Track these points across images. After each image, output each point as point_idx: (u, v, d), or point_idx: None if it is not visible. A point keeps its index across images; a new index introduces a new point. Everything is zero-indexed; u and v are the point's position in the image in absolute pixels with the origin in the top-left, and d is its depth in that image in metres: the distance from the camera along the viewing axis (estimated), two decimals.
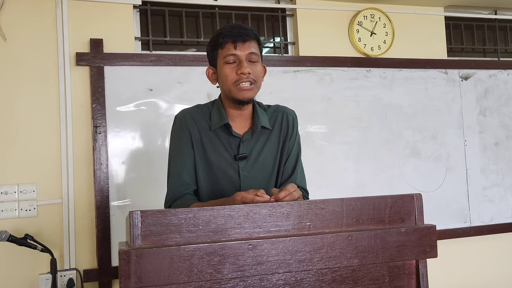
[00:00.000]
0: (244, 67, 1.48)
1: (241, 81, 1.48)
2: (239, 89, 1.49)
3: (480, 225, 3.17)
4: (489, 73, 3.32)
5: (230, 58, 1.49)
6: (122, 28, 2.63)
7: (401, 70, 3.11)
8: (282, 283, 1.09)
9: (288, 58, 2.92)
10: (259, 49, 1.55)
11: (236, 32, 1.49)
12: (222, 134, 1.57)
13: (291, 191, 1.33)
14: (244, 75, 1.48)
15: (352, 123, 2.97)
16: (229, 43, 1.49)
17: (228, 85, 1.51)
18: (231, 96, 1.52)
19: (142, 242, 1.01)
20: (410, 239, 1.16)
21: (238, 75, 1.48)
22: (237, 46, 1.49)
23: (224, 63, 1.50)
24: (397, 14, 3.19)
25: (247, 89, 1.49)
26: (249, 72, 1.48)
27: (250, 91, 1.50)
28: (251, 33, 1.51)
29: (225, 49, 1.50)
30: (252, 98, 1.53)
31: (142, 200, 2.51)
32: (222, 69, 1.51)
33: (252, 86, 1.50)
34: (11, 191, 2.38)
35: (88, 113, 2.52)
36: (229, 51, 1.49)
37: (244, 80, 1.48)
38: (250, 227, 1.08)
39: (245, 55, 1.49)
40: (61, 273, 2.37)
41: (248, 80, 1.49)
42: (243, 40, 1.49)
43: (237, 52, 1.49)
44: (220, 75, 1.54)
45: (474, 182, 3.20)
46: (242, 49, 1.49)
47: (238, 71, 1.48)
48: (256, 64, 1.52)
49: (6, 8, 2.45)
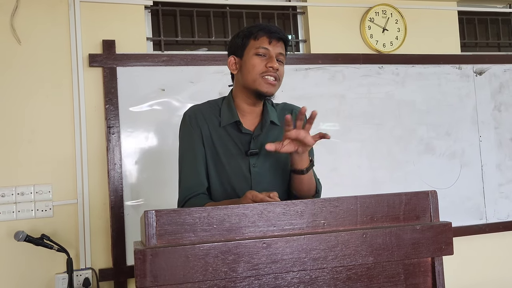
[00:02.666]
0: (274, 61, 1.51)
1: (269, 74, 1.50)
2: (264, 81, 1.51)
3: (496, 222, 3.13)
4: (504, 67, 3.28)
5: (262, 51, 1.52)
6: (133, 29, 2.65)
7: (413, 66, 3.08)
8: (296, 281, 1.09)
9: (299, 56, 2.91)
10: (285, 52, 1.58)
11: (274, 29, 1.53)
12: (232, 131, 1.57)
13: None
14: (272, 69, 1.50)
15: (365, 120, 2.95)
16: (265, 36, 1.52)
17: (254, 75, 1.51)
18: (254, 87, 1.52)
19: (157, 241, 1.02)
20: (425, 236, 1.15)
21: (266, 67, 1.50)
22: (272, 42, 1.52)
23: (255, 54, 1.52)
24: (409, 9, 3.16)
25: (271, 83, 1.51)
26: (277, 68, 1.51)
27: (273, 87, 1.53)
28: (285, 35, 1.55)
29: (259, 41, 1.52)
30: (273, 94, 1.55)
31: (155, 200, 2.53)
32: (251, 59, 1.52)
33: (276, 82, 1.53)
34: (27, 192, 2.41)
35: (101, 114, 2.54)
36: (263, 44, 1.52)
37: (272, 74, 1.51)
38: (264, 225, 1.08)
39: (276, 53, 1.53)
40: (77, 273, 2.39)
41: (275, 75, 1.51)
42: (278, 38, 1.52)
43: (271, 47, 1.52)
44: (246, 64, 1.54)
45: (490, 178, 3.16)
46: (275, 46, 1.52)
47: (268, 64, 1.50)
48: (282, 65, 1.56)
49: (19, 11, 2.48)
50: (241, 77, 1.56)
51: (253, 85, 1.52)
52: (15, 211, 2.39)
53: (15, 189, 2.40)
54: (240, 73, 1.56)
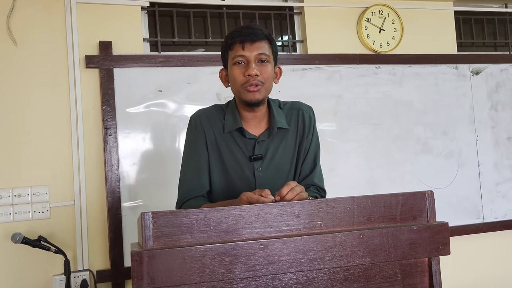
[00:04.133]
0: (251, 68, 1.45)
1: (248, 83, 1.46)
2: (246, 91, 1.47)
3: (494, 221, 3.14)
4: (501, 67, 3.28)
5: (238, 59, 1.48)
6: (130, 30, 2.65)
7: (410, 66, 3.08)
8: (294, 282, 1.09)
9: (296, 56, 2.91)
10: (271, 49, 1.51)
11: (245, 32, 1.47)
12: (237, 135, 1.56)
13: (292, 186, 1.31)
14: (251, 77, 1.45)
15: (362, 120, 2.96)
16: (237, 43, 1.47)
17: (237, 87, 1.50)
18: (240, 97, 1.51)
19: (154, 243, 1.02)
20: (422, 236, 1.15)
21: (245, 76, 1.46)
22: (245, 47, 1.46)
23: (233, 64, 1.49)
24: (406, 9, 3.16)
25: (254, 90, 1.47)
26: (257, 74, 1.46)
27: (257, 93, 1.47)
28: (260, 33, 1.48)
29: (233, 50, 1.48)
30: (261, 100, 1.50)
31: (153, 201, 2.53)
32: (231, 71, 1.50)
33: (259, 87, 1.47)
34: (24, 194, 2.41)
35: (98, 115, 2.54)
36: (238, 52, 1.47)
37: (252, 82, 1.46)
38: (261, 226, 1.08)
39: (254, 55, 1.47)
40: (75, 274, 2.39)
41: (255, 83, 1.46)
42: (251, 40, 1.46)
43: (245, 53, 1.47)
44: (230, 76, 1.53)
45: (487, 177, 3.17)
46: (251, 49, 1.46)
47: (245, 73, 1.46)
48: (266, 64, 1.49)
49: (16, 12, 2.47)
50: (231, 88, 1.55)
51: (239, 96, 1.51)
52: (12, 213, 2.38)
53: (12, 191, 2.39)
54: (230, 84, 1.55)
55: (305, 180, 1.61)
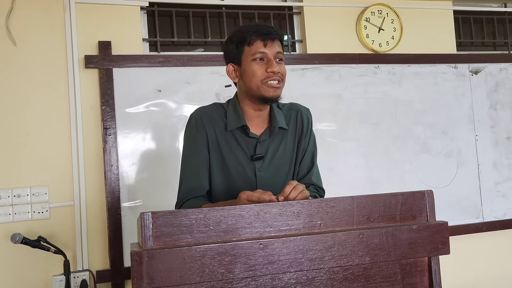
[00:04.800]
0: (274, 65, 1.48)
1: (271, 79, 1.48)
2: (268, 86, 1.48)
3: (493, 221, 3.14)
4: (500, 66, 3.29)
5: (259, 55, 1.49)
6: (129, 30, 2.65)
7: (410, 65, 3.08)
8: (293, 282, 1.09)
9: (296, 56, 2.91)
10: (282, 49, 1.55)
11: (266, 31, 1.49)
12: (238, 135, 1.56)
13: (294, 184, 1.32)
14: (274, 74, 1.48)
15: (362, 120, 2.96)
16: (259, 40, 1.48)
17: (256, 82, 1.49)
18: (259, 93, 1.50)
19: (154, 243, 1.02)
20: (422, 236, 1.15)
21: (267, 73, 1.48)
22: (267, 45, 1.49)
23: (252, 60, 1.49)
24: (405, 9, 3.16)
25: (276, 86, 1.49)
26: (279, 71, 1.49)
27: (278, 89, 1.51)
28: (279, 32, 1.52)
29: (253, 46, 1.49)
30: (279, 96, 1.53)
31: (153, 201, 2.52)
32: (250, 66, 1.50)
33: (280, 84, 1.51)
34: (24, 194, 2.41)
35: (98, 115, 2.53)
36: (259, 49, 1.48)
37: (274, 78, 1.48)
38: (260, 226, 1.08)
39: (274, 54, 1.50)
40: (74, 274, 2.39)
41: (277, 78, 1.49)
42: (272, 38, 1.49)
43: (267, 50, 1.48)
44: (246, 72, 1.51)
45: (486, 177, 3.17)
46: (271, 47, 1.49)
47: (268, 69, 1.48)
48: (282, 63, 1.53)
49: (15, 13, 2.47)
50: (243, 84, 1.54)
51: (257, 92, 1.50)
52: (11, 213, 2.38)
53: (12, 191, 2.39)
54: (241, 80, 1.54)
55: (303, 179, 1.61)
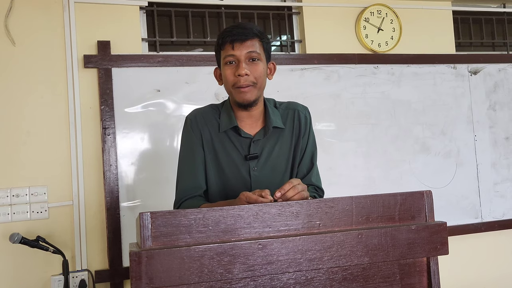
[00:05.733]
0: (241, 68, 1.44)
1: (239, 84, 1.45)
2: (237, 92, 1.47)
3: (492, 221, 3.15)
4: (499, 67, 3.29)
5: (229, 59, 1.46)
6: (128, 29, 2.65)
7: (409, 66, 3.09)
8: (292, 282, 1.09)
9: (295, 56, 2.91)
10: (262, 47, 1.49)
11: (235, 32, 1.45)
12: (232, 135, 1.56)
13: (294, 184, 1.30)
14: (241, 77, 1.44)
15: (361, 120, 2.96)
16: (228, 43, 1.46)
17: (228, 87, 1.50)
18: (233, 98, 1.51)
19: (153, 243, 1.02)
20: (420, 236, 1.15)
21: (236, 76, 1.45)
22: (235, 47, 1.45)
23: (224, 64, 1.48)
24: (404, 9, 3.16)
25: (245, 91, 1.45)
26: (247, 74, 1.44)
27: (248, 93, 1.46)
28: (250, 31, 1.46)
29: (224, 50, 1.47)
30: (253, 101, 1.49)
31: (151, 201, 2.52)
32: (223, 70, 1.50)
33: (251, 88, 1.46)
34: (23, 194, 2.40)
35: (96, 115, 2.53)
36: (228, 52, 1.46)
37: (242, 82, 1.45)
38: (259, 226, 1.08)
39: (244, 55, 1.45)
40: (73, 274, 2.39)
41: (246, 83, 1.45)
42: (241, 40, 1.44)
43: (235, 52, 1.45)
44: (222, 76, 1.52)
45: (485, 177, 3.17)
46: (241, 49, 1.45)
47: (236, 73, 1.45)
48: (257, 63, 1.47)
49: (14, 12, 2.47)
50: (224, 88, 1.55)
51: (232, 97, 1.51)
52: (10, 213, 2.38)
53: (10, 191, 2.39)
54: None
55: (303, 180, 1.60)
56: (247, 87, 1.45)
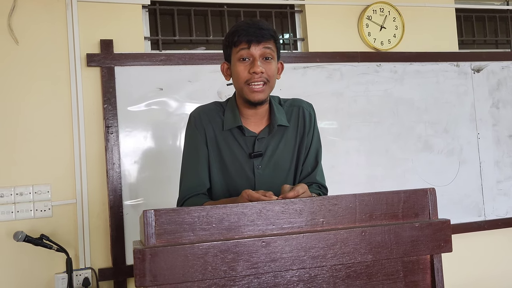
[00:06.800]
0: (256, 65, 1.43)
1: (253, 81, 1.44)
2: (250, 90, 1.46)
3: (495, 219, 3.14)
4: (502, 64, 3.28)
5: (243, 55, 1.45)
6: (131, 28, 2.65)
7: (411, 64, 3.08)
8: (296, 279, 1.09)
9: (297, 54, 2.91)
10: (275, 46, 1.49)
11: (252, 32, 1.44)
12: (237, 133, 1.55)
13: (300, 193, 1.29)
14: (256, 74, 1.44)
15: (363, 118, 2.95)
16: (244, 41, 1.45)
17: (240, 84, 1.48)
18: (243, 95, 1.49)
19: (156, 241, 1.02)
20: (424, 234, 1.15)
21: (250, 74, 1.44)
22: (251, 46, 1.44)
23: (237, 59, 1.47)
24: (407, 7, 3.16)
25: (258, 90, 1.45)
26: (262, 72, 1.44)
27: (261, 93, 1.46)
28: (267, 33, 1.46)
29: (239, 46, 1.46)
30: (263, 100, 1.49)
31: (154, 199, 2.53)
32: (235, 66, 1.48)
33: (264, 87, 1.46)
34: (26, 192, 2.41)
35: (99, 114, 2.54)
36: (243, 49, 1.45)
37: (257, 79, 1.44)
38: (263, 224, 1.08)
39: (259, 53, 1.45)
40: (77, 272, 2.39)
41: (261, 80, 1.45)
42: (257, 41, 1.44)
43: (251, 50, 1.45)
44: (233, 72, 1.51)
45: (488, 175, 3.16)
46: (257, 47, 1.45)
47: (250, 70, 1.44)
48: (271, 62, 1.47)
49: (17, 11, 2.48)
50: (233, 83, 1.53)
51: (242, 94, 1.49)
52: (14, 211, 2.38)
53: (14, 190, 2.40)
54: (232, 79, 1.53)
55: (307, 178, 1.60)
56: (261, 84, 1.46)
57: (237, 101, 1.56)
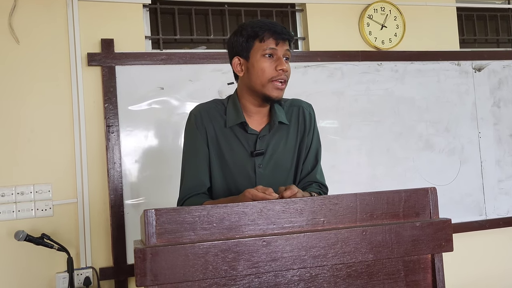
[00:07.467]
0: (283, 63, 1.47)
1: (279, 78, 1.47)
2: (274, 87, 1.47)
3: (496, 218, 3.14)
4: (503, 63, 3.27)
5: (270, 52, 1.47)
6: (132, 27, 2.65)
7: (412, 63, 3.08)
8: (297, 279, 1.09)
9: (298, 53, 2.91)
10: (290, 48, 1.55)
11: (279, 30, 1.48)
12: (238, 131, 1.55)
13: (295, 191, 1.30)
14: (283, 72, 1.47)
15: (364, 117, 2.95)
16: (272, 38, 1.47)
17: (263, 80, 1.47)
18: (262, 92, 1.48)
19: (157, 240, 1.02)
20: (425, 233, 1.15)
21: (277, 71, 1.46)
22: (279, 43, 1.47)
23: (262, 55, 1.47)
24: (408, 6, 3.15)
25: (281, 88, 1.49)
26: (287, 70, 1.48)
27: (282, 91, 1.50)
28: (291, 35, 1.51)
29: (266, 42, 1.47)
30: (281, 98, 1.52)
31: (155, 198, 2.53)
32: (259, 62, 1.48)
33: (284, 86, 1.50)
34: (27, 192, 2.41)
35: (100, 113, 2.54)
36: (270, 46, 1.47)
37: (282, 77, 1.47)
38: (264, 223, 1.08)
39: (284, 52, 1.49)
40: (78, 272, 2.40)
41: (284, 78, 1.48)
42: (283, 39, 1.48)
43: (278, 48, 1.47)
44: (254, 67, 1.49)
45: (489, 174, 3.16)
46: (283, 46, 1.48)
47: (277, 67, 1.46)
48: (288, 62, 1.52)
49: (18, 11, 2.48)
50: (248, 79, 1.51)
51: (261, 90, 1.49)
52: (15, 210, 2.39)
53: (15, 189, 2.40)
54: (247, 75, 1.51)
55: (307, 177, 1.61)
56: (284, 83, 1.49)
57: (243, 97, 1.55)
